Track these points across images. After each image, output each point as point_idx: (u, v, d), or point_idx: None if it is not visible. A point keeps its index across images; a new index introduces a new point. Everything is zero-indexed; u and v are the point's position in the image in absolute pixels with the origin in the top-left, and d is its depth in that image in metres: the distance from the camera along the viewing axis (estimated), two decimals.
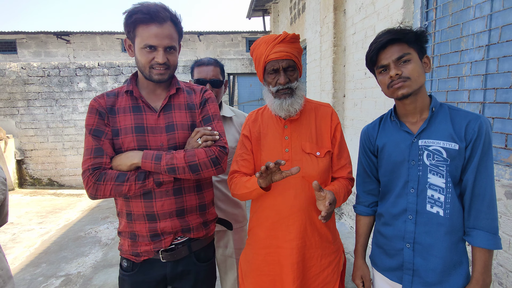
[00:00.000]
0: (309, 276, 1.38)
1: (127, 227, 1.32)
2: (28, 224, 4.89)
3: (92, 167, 1.22)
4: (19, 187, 7.40)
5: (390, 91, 1.17)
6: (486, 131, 1.09)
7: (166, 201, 1.29)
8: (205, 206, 1.41)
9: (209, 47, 12.96)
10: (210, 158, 1.26)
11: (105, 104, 1.29)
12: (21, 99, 7.28)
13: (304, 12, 5.65)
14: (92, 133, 1.25)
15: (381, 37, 1.15)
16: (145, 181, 1.24)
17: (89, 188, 1.22)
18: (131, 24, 1.21)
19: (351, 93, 3.79)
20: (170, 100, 1.35)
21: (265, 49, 1.33)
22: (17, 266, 3.50)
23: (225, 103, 8.37)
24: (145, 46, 1.21)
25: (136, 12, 1.19)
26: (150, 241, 1.30)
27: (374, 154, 1.33)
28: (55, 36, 11.95)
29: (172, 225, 1.30)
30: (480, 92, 2.03)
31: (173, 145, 1.30)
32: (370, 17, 3.20)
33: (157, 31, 1.20)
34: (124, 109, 1.30)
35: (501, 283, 1.78)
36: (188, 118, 1.35)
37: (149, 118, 1.30)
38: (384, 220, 1.28)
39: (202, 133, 1.30)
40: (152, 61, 1.24)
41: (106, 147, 1.26)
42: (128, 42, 1.29)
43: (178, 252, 1.33)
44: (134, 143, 1.27)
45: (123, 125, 1.28)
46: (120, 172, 1.23)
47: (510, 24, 1.80)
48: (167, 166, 1.22)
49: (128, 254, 1.33)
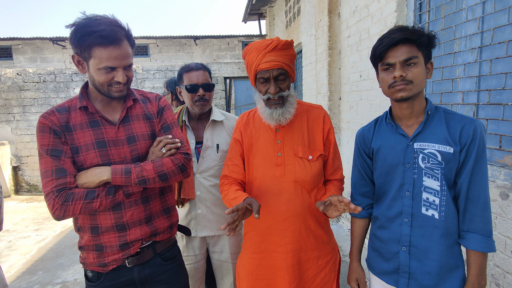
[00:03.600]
0: (307, 279, 1.38)
1: (91, 241, 1.29)
2: (24, 231, 4.85)
3: (57, 189, 1.18)
4: (15, 194, 7.35)
5: (390, 91, 1.15)
6: (480, 135, 1.09)
7: (136, 210, 1.30)
8: (169, 209, 1.45)
9: (205, 51, 12.98)
10: (178, 166, 1.31)
11: (58, 121, 1.23)
12: (17, 105, 7.25)
13: (299, 16, 5.68)
14: (50, 153, 1.20)
15: (394, 33, 1.12)
16: (115, 195, 1.24)
17: (56, 210, 1.18)
18: (86, 46, 1.14)
19: (346, 96, 3.81)
20: (128, 111, 1.33)
21: (256, 57, 1.31)
22: (13, 274, 3.46)
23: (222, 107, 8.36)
24: (104, 68, 1.17)
25: (90, 34, 1.12)
26: (119, 250, 1.29)
27: (369, 157, 1.33)
28: (51, 41, 11.92)
29: (141, 232, 1.32)
30: (473, 94, 2.04)
31: (136, 156, 1.31)
32: (364, 20, 3.22)
33: (117, 54, 1.16)
34: (81, 125, 1.25)
35: (498, 284, 1.78)
36: (147, 128, 1.36)
37: (109, 132, 1.28)
38: (380, 223, 1.28)
39: (164, 142, 1.32)
40: (111, 80, 1.21)
41: (68, 166, 1.21)
42: (78, 58, 1.20)
43: (143, 256, 1.34)
44: (97, 159, 1.24)
45: (82, 142, 1.24)
46: (89, 190, 1.21)
47: (502, 26, 1.81)
48: (137, 178, 1.24)
49: (94, 266, 1.31)
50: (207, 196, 1.79)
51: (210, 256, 1.92)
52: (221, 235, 1.85)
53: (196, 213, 1.79)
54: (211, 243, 1.87)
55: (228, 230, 1.11)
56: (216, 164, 1.80)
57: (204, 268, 1.91)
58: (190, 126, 1.84)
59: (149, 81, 7.93)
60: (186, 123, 1.83)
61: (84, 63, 1.20)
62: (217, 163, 1.80)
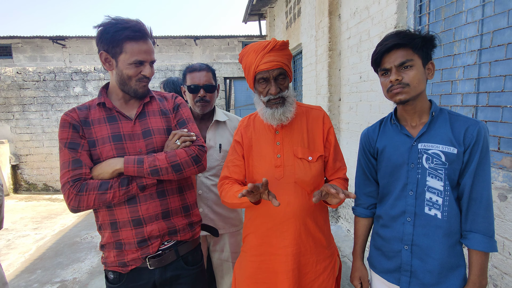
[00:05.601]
0: (305, 283, 1.37)
1: (111, 237, 1.30)
2: (23, 229, 4.84)
3: (72, 179, 1.21)
4: (14, 193, 7.33)
5: (389, 95, 1.19)
6: (484, 136, 1.11)
7: (151, 204, 1.30)
8: (188, 207, 1.44)
9: (205, 51, 12.99)
10: (191, 157, 1.31)
11: (77, 117, 1.29)
12: (16, 104, 7.23)
13: (300, 17, 5.69)
14: (68, 146, 1.25)
15: (387, 39, 1.16)
16: (129, 186, 1.25)
17: (71, 200, 1.20)
18: (119, 41, 1.22)
19: (346, 97, 3.82)
20: (144, 108, 1.38)
21: (254, 58, 1.30)
22: (12, 272, 3.46)
23: (221, 108, 8.37)
24: (135, 62, 1.25)
25: (124, 29, 1.21)
26: (138, 248, 1.29)
27: (374, 157, 1.35)
28: (51, 40, 11.91)
29: (159, 228, 1.31)
30: (473, 96, 2.06)
31: (151, 150, 1.33)
32: (365, 22, 3.24)
33: (146, 48, 1.27)
34: (99, 120, 1.31)
35: (496, 285, 1.80)
36: (163, 123, 1.39)
37: (125, 126, 1.32)
38: (383, 222, 1.30)
39: (179, 134, 1.34)
40: (139, 75, 1.29)
41: (84, 158, 1.25)
42: (105, 56, 1.27)
43: (165, 258, 1.33)
44: (113, 152, 1.27)
45: (99, 136, 1.29)
46: (103, 181, 1.23)
47: (502, 28, 1.83)
48: (150, 168, 1.24)
49: (114, 266, 1.32)
50: (209, 196, 1.80)
51: (210, 255, 1.93)
52: (222, 234, 1.86)
53: None
54: (212, 242, 1.88)
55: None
56: (218, 164, 1.81)
57: (204, 267, 1.92)
58: None
59: None
60: None
61: (112, 60, 1.27)
62: (219, 162, 1.81)
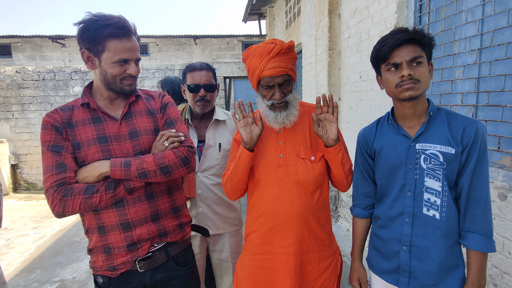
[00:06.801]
0: (308, 282, 1.37)
1: (99, 241, 1.26)
2: (22, 229, 4.84)
3: (56, 184, 1.16)
4: (13, 192, 7.33)
5: (397, 91, 1.14)
6: (482, 136, 1.10)
7: (140, 206, 1.26)
8: (178, 208, 1.41)
9: (205, 51, 12.98)
10: (180, 159, 1.27)
11: (60, 118, 1.24)
12: (16, 103, 7.23)
13: (300, 16, 5.68)
14: (51, 149, 1.20)
15: (398, 34, 1.12)
16: (116, 189, 1.21)
17: (55, 206, 1.16)
18: (100, 39, 1.17)
19: (346, 96, 3.82)
20: (130, 107, 1.33)
21: (259, 62, 1.27)
22: (11, 272, 3.46)
23: (221, 107, 8.38)
24: (119, 60, 1.20)
25: (105, 26, 1.16)
26: (127, 251, 1.25)
27: (371, 157, 1.34)
28: (50, 39, 11.89)
29: (148, 231, 1.27)
30: (473, 95, 2.06)
31: (138, 152, 1.29)
32: (365, 21, 3.23)
33: (130, 46, 1.21)
34: (83, 122, 1.25)
35: (496, 285, 1.79)
36: (150, 123, 1.35)
37: (111, 127, 1.27)
38: (381, 222, 1.29)
39: (167, 135, 1.30)
40: (123, 73, 1.24)
41: (68, 162, 1.20)
42: (88, 54, 1.21)
43: (155, 259, 1.30)
44: (98, 154, 1.23)
45: (84, 138, 1.24)
46: (88, 184, 1.19)
47: (502, 28, 1.83)
48: (137, 171, 1.20)
49: (103, 270, 1.28)
50: (208, 195, 1.80)
51: (210, 255, 1.92)
52: (222, 234, 1.86)
53: (197, 212, 1.79)
54: (211, 242, 1.88)
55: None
56: (218, 163, 1.80)
57: (203, 267, 1.91)
58: (193, 124, 1.85)
59: (148, 80, 7.92)
60: (188, 121, 1.83)
61: (95, 58, 1.22)
62: (218, 162, 1.80)
